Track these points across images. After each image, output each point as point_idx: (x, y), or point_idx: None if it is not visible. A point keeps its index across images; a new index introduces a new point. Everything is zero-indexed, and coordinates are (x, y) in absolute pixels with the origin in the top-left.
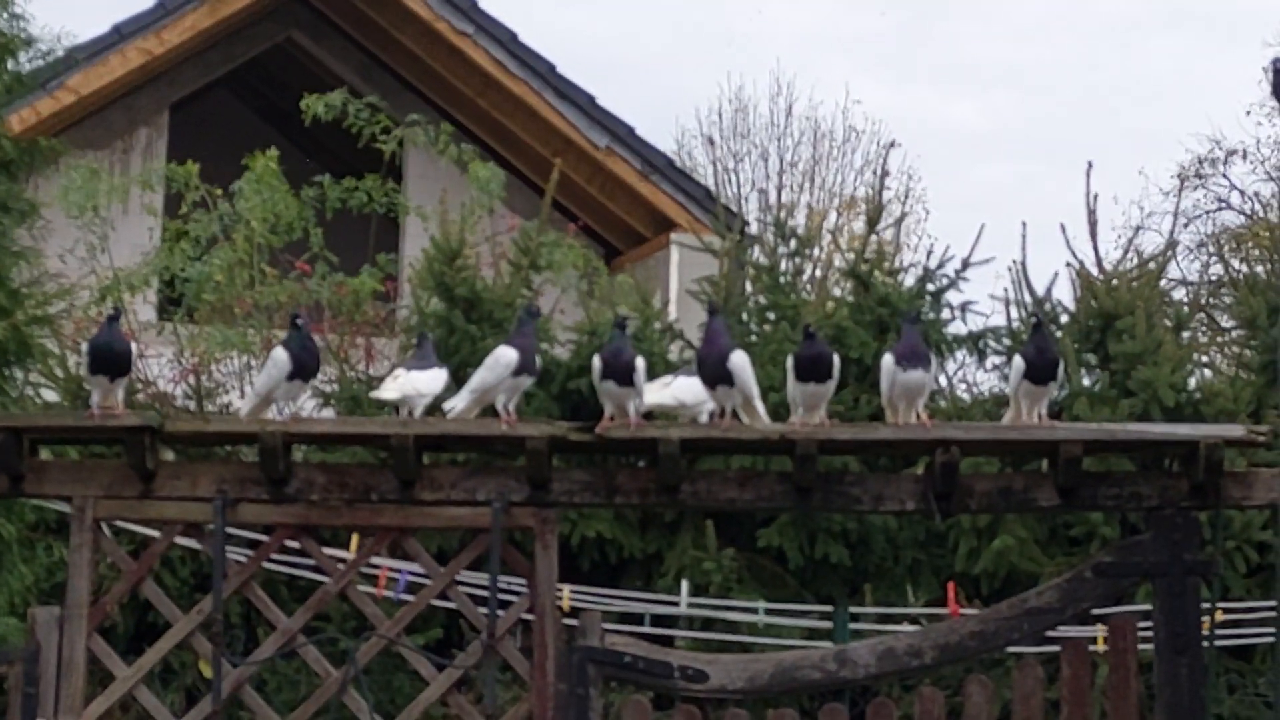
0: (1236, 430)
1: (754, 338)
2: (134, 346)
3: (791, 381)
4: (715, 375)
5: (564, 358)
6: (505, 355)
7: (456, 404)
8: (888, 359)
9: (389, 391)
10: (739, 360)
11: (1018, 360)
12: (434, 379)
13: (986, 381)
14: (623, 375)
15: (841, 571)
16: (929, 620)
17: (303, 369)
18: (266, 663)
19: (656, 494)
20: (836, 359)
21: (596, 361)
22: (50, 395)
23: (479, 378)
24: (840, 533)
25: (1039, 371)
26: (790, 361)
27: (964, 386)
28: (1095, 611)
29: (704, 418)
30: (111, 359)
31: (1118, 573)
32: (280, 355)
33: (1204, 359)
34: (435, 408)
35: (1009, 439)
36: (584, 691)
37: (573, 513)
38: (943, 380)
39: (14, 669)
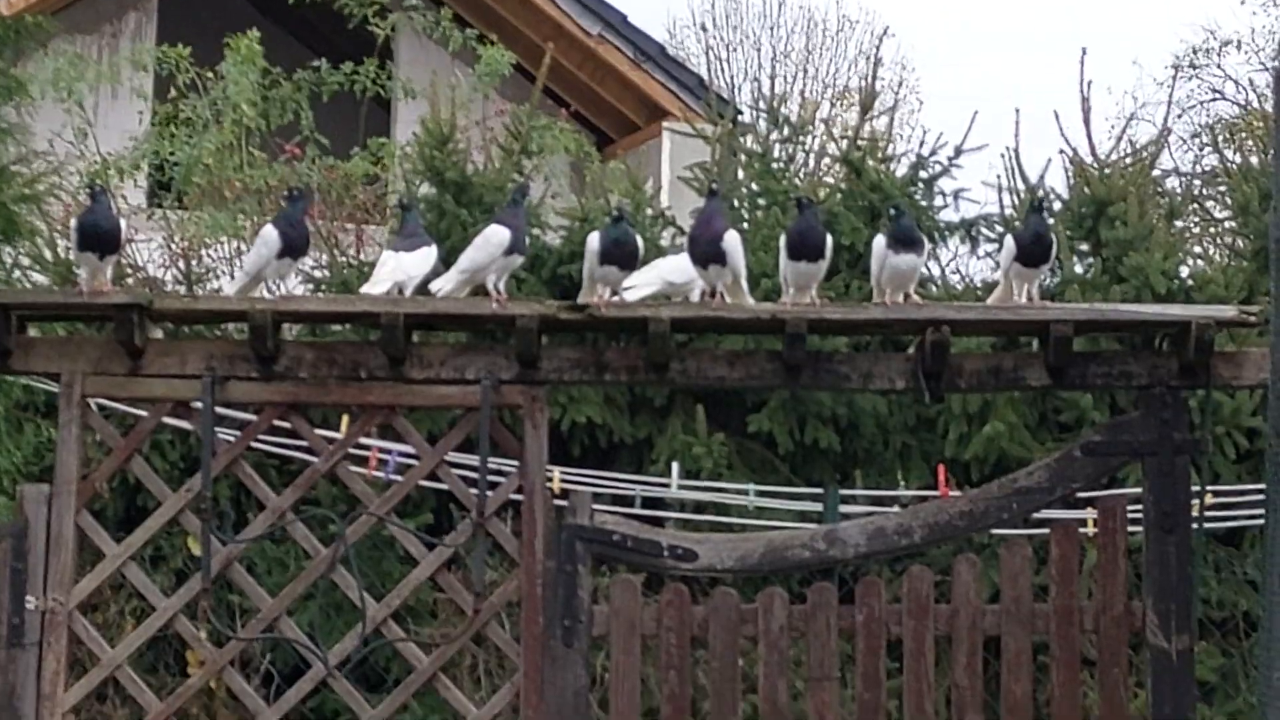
0: (1228, 311)
1: (746, 224)
2: (123, 224)
3: (783, 260)
4: (708, 254)
5: (555, 243)
6: (497, 234)
7: (444, 284)
8: (879, 241)
9: (381, 283)
10: (733, 239)
11: (1009, 241)
12: (423, 259)
13: (979, 271)
14: (627, 260)
15: (831, 457)
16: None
17: (292, 247)
18: (256, 542)
19: (646, 372)
20: (829, 238)
21: (595, 244)
22: (40, 279)
23: (469, 257)
24: (830, 418)
25: (1030, 253)
26: (782, 240)
27: (956, 275)
28: (1085, 495)
29: (695, 296)
30: (100, 235)
31: (1107, 452)
32: (270, 233)
33: (1196, 249)
34: (424, 287)
35: (1000, 319)
36: (573, 569)
37: (562, 397)
38: (935, 268)
39: (2, 545)
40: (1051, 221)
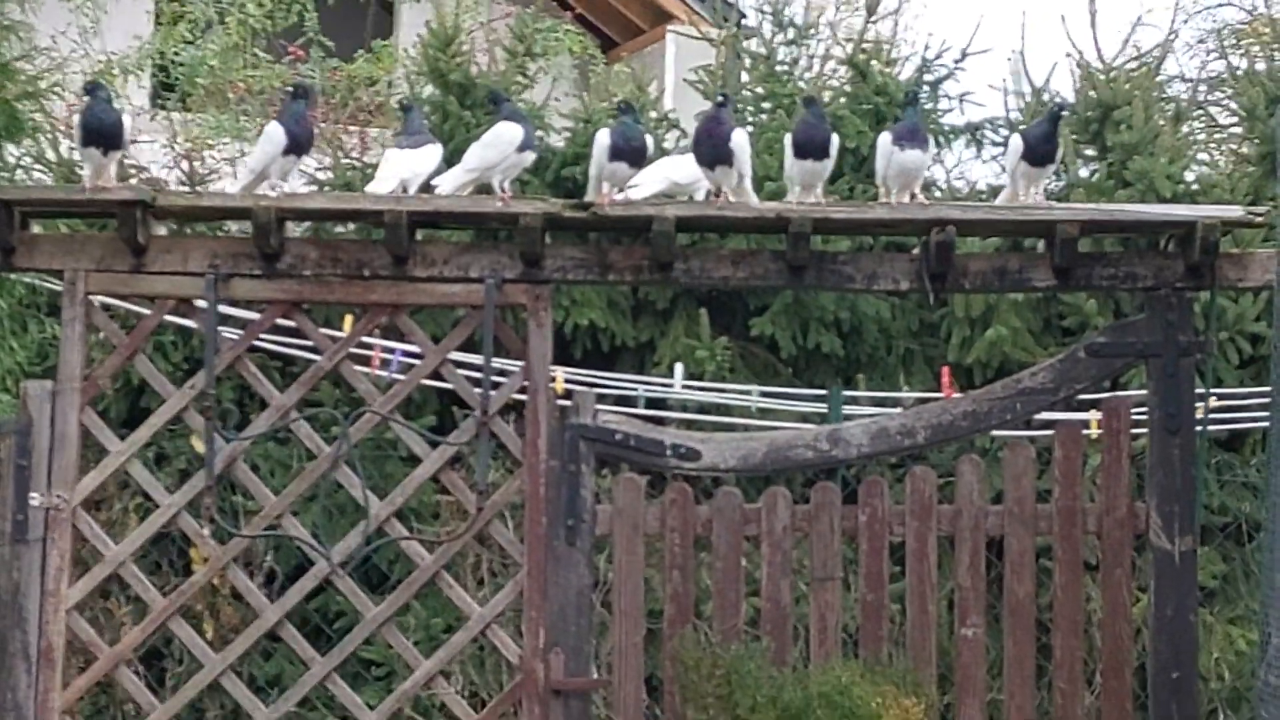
0: (1234, 211)
1: (750, 127)
2: (127, 121)
3: (789, 159)
4: (716, 154)
5: (559, 145)
6: (510, 130)
7: (451, 182)
8: (884, 137)
9: (386, 181)
10: (741, 139)
11: (1015, 139)
12: (427, 156)
13: (984, 175)
14: (636, 157)
15: (834, 361)
16: None
17: (297, 144)
18: (260, 440)
19: (650, 272)
20: (835, 137)
21: (605, 140)
22: (43, 178)
23: (478, 155)
24: (833, 322)
25: (1036, 153)
26: (788, 139)
27: (961, 180)
28: (1088, 398)
29: (699, 197)
30: (103, 130)
31: (1112, 353)
32: (275, 129)
33: (1202, 155)
34: (428, 185)
35: (1006, 219)
36: (576, 468)
37: (565, 300)
38: (939, 172)
39: (6, 442)
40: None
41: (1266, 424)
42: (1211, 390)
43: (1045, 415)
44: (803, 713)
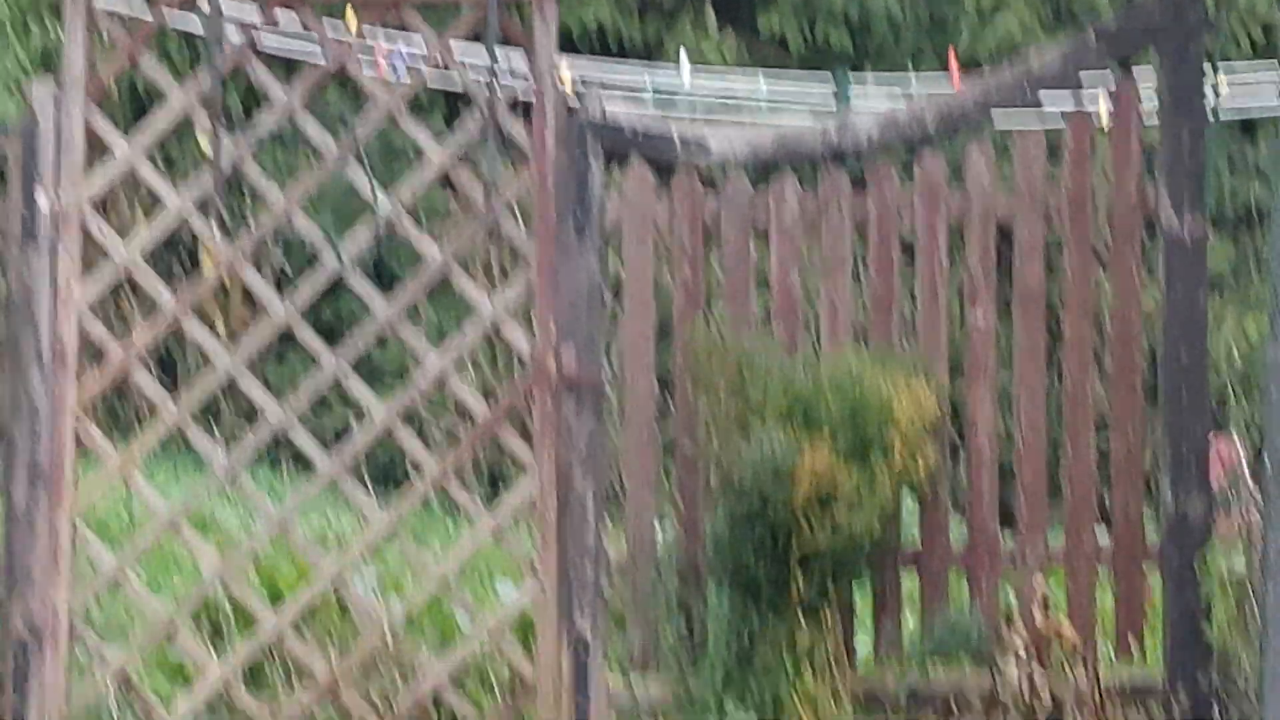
0: None
1: None
2: None
3: None
4: None
5: None
6: None
7: None
8: None
9: None
10: None
11: None
12: None
13: None
14: None
15: (843, 57)
16: None
17: None
18: (268, 142)
19: None
20: None
21: None
22: None
23: None
24: (842, 17)
25: None
26: None
27: None
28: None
29: None
30: None
31: (1121, 36)
32: None
33: None
34: None
35: None
36: (585, 160)
37: None
38: None
39: (11, 143)
40: None
41: (1274, 113)
42: (1221, 73)
43: (1055, 108)
44: (814, 400)
